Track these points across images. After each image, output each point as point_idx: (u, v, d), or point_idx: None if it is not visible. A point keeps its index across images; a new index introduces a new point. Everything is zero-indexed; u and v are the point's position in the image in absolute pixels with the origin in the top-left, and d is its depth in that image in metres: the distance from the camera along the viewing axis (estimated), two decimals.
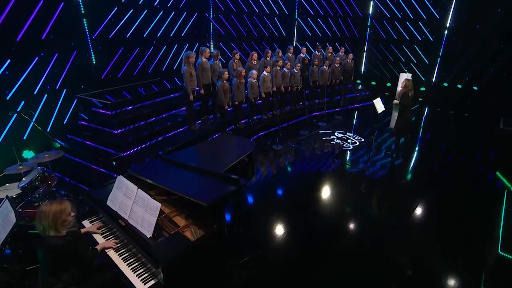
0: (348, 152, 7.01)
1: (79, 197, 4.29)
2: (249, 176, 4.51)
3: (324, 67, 9.23)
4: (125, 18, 7.88)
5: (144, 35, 8.48)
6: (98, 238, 3.03)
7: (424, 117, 10.01)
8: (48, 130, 6.22)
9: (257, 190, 5.44)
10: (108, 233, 3.07)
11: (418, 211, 4.94)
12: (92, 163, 5.71)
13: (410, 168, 6.46)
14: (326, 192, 5.44)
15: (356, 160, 6.60)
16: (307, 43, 12.56)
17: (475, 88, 11.15)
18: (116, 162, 5.57)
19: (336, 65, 9.50)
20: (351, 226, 4.55)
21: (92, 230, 3.07)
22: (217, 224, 2.95)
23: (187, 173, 3.50)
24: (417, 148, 7.49)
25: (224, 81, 6.53)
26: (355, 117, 9.58)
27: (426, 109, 10.72)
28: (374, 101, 6.83)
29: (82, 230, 3.05)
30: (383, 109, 7.01)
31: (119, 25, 7.76)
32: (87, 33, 6.98)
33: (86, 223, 3.22)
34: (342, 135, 7.94)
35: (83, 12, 6.79)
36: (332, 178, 5.89)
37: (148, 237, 2.77)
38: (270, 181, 5.82)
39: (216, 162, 3.90)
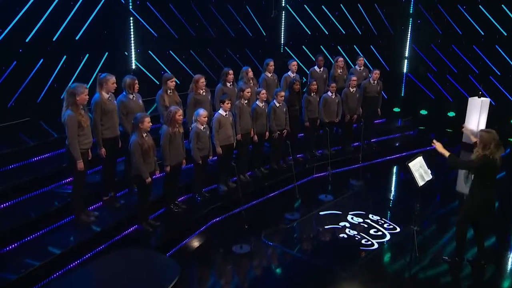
0: (378, 254, 6.82)
1: None
2: None
3: (329, 93, 9.27)
4: None
5: None
6: None
7: None
8: None
9: None
10: None
11: None
12: None
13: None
14: None
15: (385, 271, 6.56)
16: (303, 47, 12.70)
17: None
18: None
19: (351, 89, 9.56)
20: None
21: None
22: None
23: None
24: (509, 249, 7.20)
25: (144, 134, 6.38)
26: (391, 183, 9.45)
27: None
28: (411, 164, 6.50)
29: None
30: (430, 177, 6.73)
31: None
32: None
33: None
34: (360, 221, 7.72)
35: None
36: None
37: None
38: None
39: None
